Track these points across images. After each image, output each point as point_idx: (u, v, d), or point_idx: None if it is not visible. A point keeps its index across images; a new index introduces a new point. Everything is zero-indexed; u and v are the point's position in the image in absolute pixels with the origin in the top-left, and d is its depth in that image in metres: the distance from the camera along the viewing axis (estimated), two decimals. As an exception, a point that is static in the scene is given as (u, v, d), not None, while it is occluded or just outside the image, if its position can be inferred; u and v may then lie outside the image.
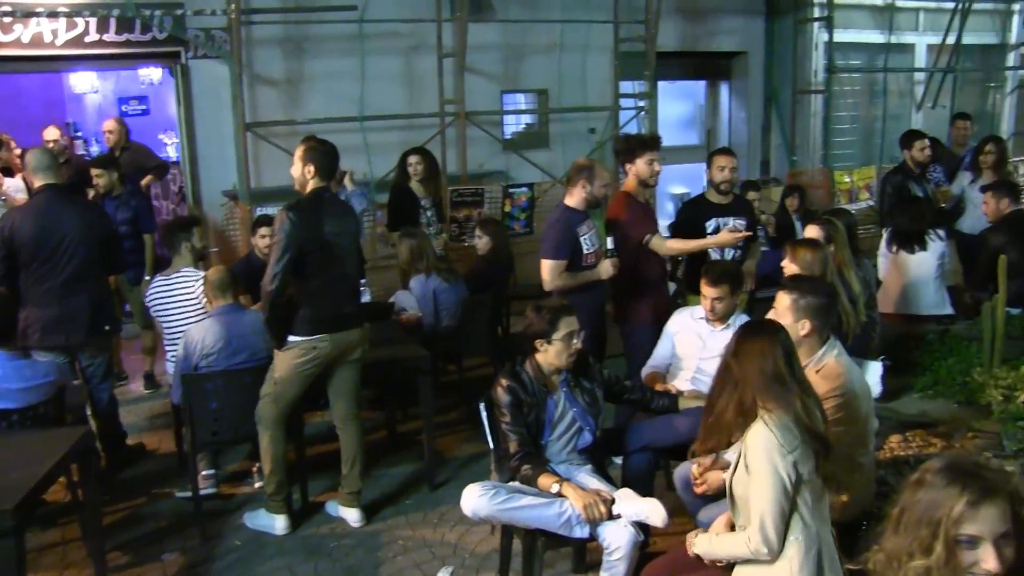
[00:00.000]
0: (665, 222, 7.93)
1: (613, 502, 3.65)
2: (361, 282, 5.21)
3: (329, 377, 4.80)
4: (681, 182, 10.58)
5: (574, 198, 5.15)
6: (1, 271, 5.07)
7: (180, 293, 5.46)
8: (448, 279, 6.35)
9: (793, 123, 11.34)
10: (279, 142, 7.97)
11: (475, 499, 3.67)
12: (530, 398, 3.91)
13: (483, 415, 4.14)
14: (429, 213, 7.41)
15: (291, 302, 4.55)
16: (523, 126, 10.03)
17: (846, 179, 10.72)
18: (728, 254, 5.56)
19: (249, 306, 5.28)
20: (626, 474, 4.25)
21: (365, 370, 4.97)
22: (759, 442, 2.91)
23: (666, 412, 4.28)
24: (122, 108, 11.03)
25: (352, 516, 4.90)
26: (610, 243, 5.12)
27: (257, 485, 5.30)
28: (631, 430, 4.32)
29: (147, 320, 6.49)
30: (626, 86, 9.91)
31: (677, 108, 11.58)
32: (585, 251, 5.09)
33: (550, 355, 3.92)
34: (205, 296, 5.14)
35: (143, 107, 11.23)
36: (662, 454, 4.31)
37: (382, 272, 7.93)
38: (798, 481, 2.87)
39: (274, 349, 4.65)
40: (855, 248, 5.68)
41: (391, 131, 8.61)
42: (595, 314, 5.13)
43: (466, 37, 8.52)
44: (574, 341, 3.91)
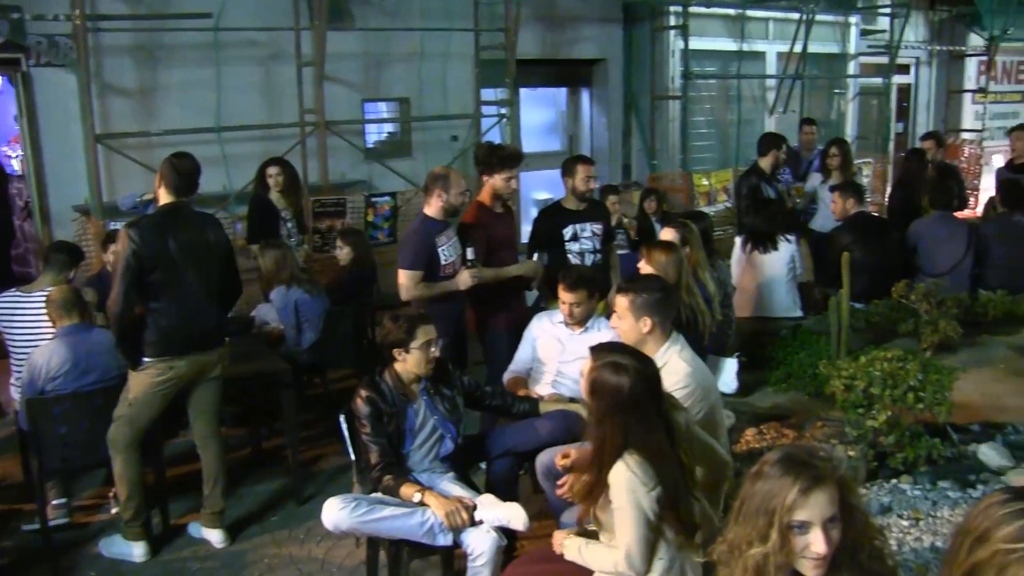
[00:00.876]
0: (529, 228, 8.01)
1: (475, 508, 3.68)
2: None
3: (188, 396, 4.67)
4: (545, 188, 10.70)
5: (432, 207, 5.16)
6: None
7: (32, 312, 5.19)
8: (309, 291, 6.27)
9: (652, 128, 11.63)
10: (133, 154, 7.69)
11: (335, 512, 3.64)
12: (390, 408, 3.90)
13: (343, 427, 4.11)
14: (290, 224, 7.29)
15: (144, 321, 4.42)
16: (385, 135, 9.96)
17: (704, 182, 11.10)
18: (587, 259, 5.68)
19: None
20: (489, 479, 4.28)
21: (227, 386, 4.86)
22: (621, 481, 2.93)
23: (528, 417, 4.33)
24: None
25: (215, 537, 4.78)
26: (470, 253, 5.15)
27: (114, 511, 5.08)
28: (493, 436, 4.35)
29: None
30: (488, 93, 9.98)
31: (539, 115, 11.72)
32: (443, 262, 5.10)
33: (409, 364, 3.92)
34: (49, 317, 4.91)
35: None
36: (524, 458, 4.35)
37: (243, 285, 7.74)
38: (663, 511, 2.93)
39: (129, 370, 4.50)
40: (710, 250, 5.89)
41: (250, 142, 8.42)
42: (454, 322, 5.14)
43: (325, 45, 8.42)
44: (432, 349, 3.92)
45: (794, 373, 5.79)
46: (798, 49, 12.43)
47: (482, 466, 4.80)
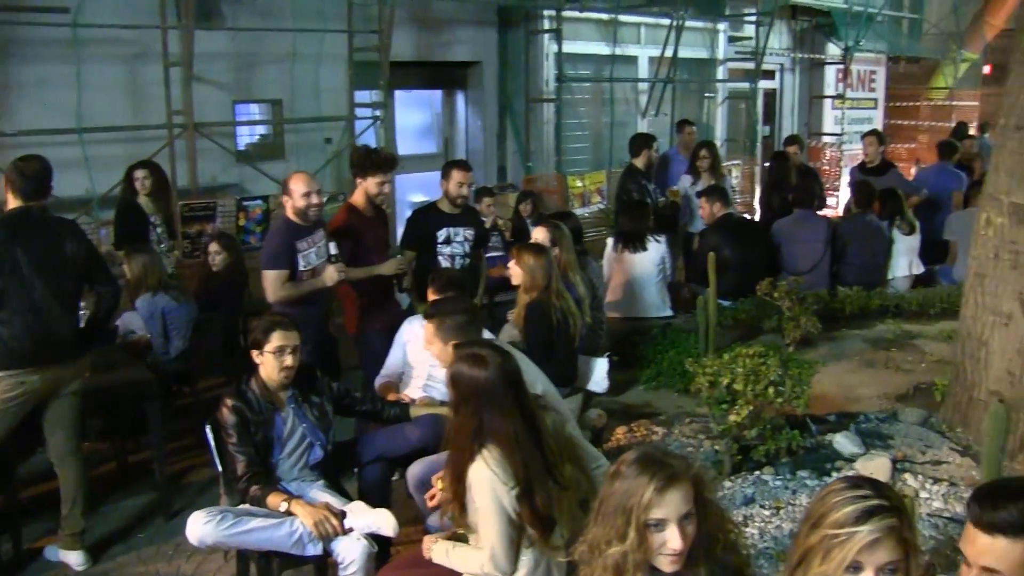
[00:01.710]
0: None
1: (344, 516, 3.65)
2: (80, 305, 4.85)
3: (43, 411, 4.46)
4: (420, 191, 10.68)
5: (287, 211, 5.12)
6: None
7: None
8: (177, 298, 6.09)
9: (527, 131, 11.72)
10: (-16, 156, 7.32)
11: (200, 527, 3.55)
12: (257, 416, 3.83)
13: (209, 437, 4.01)
14: (159, 229, 7.09)
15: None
16: (257, 137, 9.77)
17: (578, 184, 11.27)
18: (457, 262, 5.70)
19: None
20: (361, 486, 4.24)
21: (89, 398, 4.65)
22: (482, 480, 2.98)
23: (399, 421, 4.32)
24: None
25: (75, 559, 4.56)
26: (332, 248, 5.10)
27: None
28: (363, 442, 4.32)
29: None
30: (362, 95, 9.87)
31: (414, 117, 11.67)
32: (302, 267, 5.02)
33: (266, 368, 3.86)
34: None
35: None
36: (396, 464, 4.33)
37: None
38: (521, 506, 2.96)
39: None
40: (581, 250, 5.98)
41: (114, 144, 8.11)
42: (316, 326, 5.08)
43: (193, 45, 8.18)
44: (285, 356, 3.85)
45: (664, 371, 5.94)
46: (669, 54, 12.75)
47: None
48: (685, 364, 5.05)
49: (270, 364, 3.84)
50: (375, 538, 3.65)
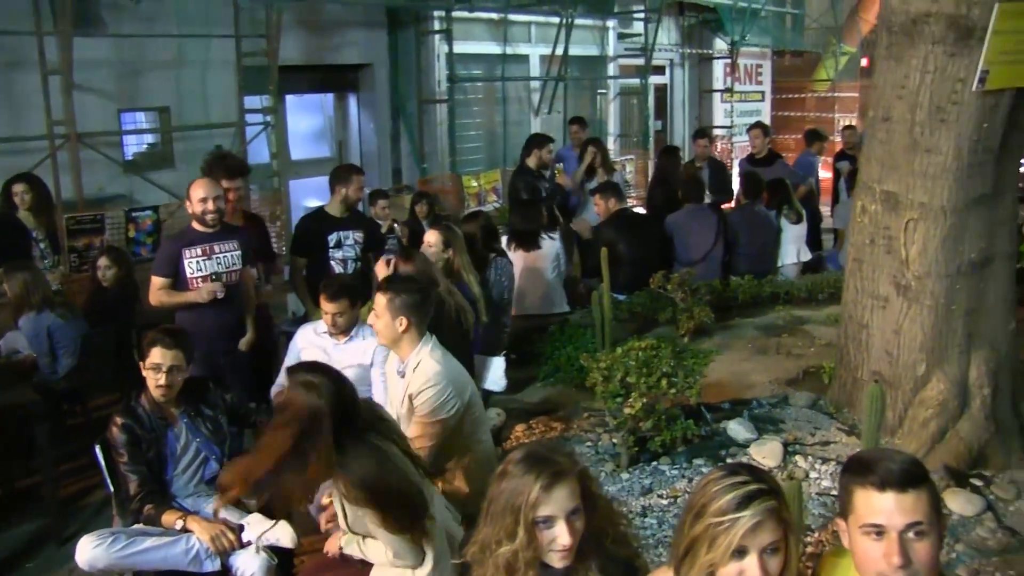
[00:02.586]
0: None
1: (242, 529, 3.60)
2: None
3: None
4: (315, 195, 10.54)
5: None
6: None
7: None
8: (63, 315, 5.89)
9: (420, 132, 11.71)
10: None
11: (90, 550, 3.45)
12: (148, 433, 3.74)
13: (99, 457, 3.90)
14: (43, 245, 6.86)
15: None
16: (145, 146, 9.51)
17: (473, 183, 11.30)
18: (349, 266, 5.68)
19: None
20: (261, 498, 4.19)
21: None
22: None
23: (297, 430, 4.26)
24: None
25: (-42, 592, 4.42)
26: (224, 264, 5.04)
27: None
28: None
29: None
30: (252, 101, 9.70)
31: (306, 121, 11.53)
32: (189, 274, 4.97)
33: (148, 383, 3.78)
34: None
35: None
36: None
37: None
38: None
39: None
40: (499, 249, 6.03)
41: (-10, 156, 7.82)
42: (210, 338, 4.99)
43: (71, 52, 7.92)
44: (159, 374, 3.75)
45: (562, 367, 5.99)
46: (560, 52, 12.86)
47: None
48: (580, 359, 5.11)
49: (149, 380, 3.76)
50: (276, 550, 3.60)
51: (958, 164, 4.42)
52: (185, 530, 3.55)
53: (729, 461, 4.42)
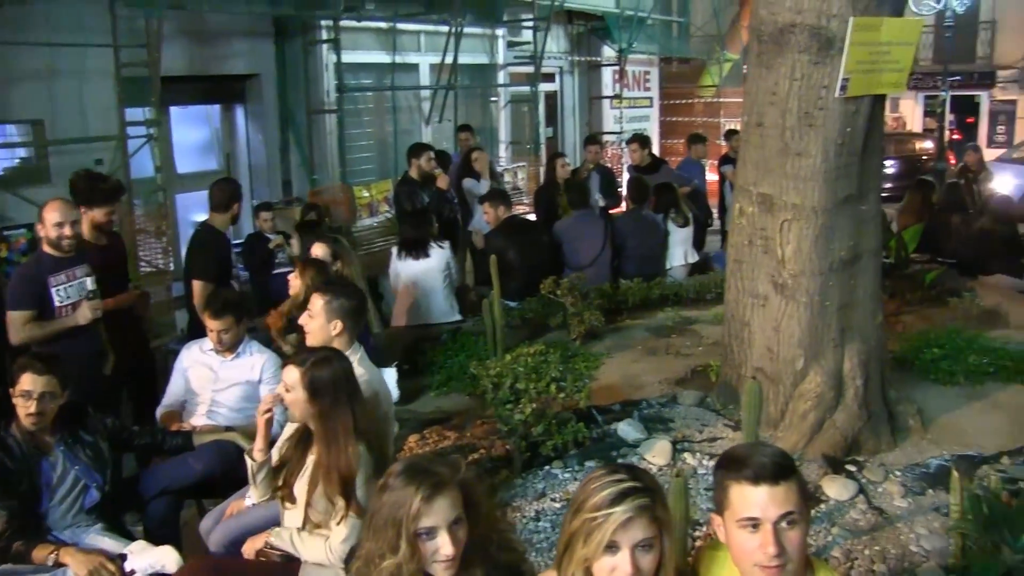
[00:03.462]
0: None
1: (124, 558, 3.50)
2: None
3: None
4: (202, 209, 10.30)
5: (43, 242, 4.83)
6: None
7: None
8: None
9: (310, 143, 11.57)
10: None
11: (-48, 595, 3.31)
12: (20, 465, 3.59)
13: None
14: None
15: None
16: (17, 161, 9.13)
17: (365, 194, 11.21)
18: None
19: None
20: (146, 524, 4.07)
21: None
22: (364, 466, 3.19)
23: (182, 451, 4.18)
24: None
25: None
26: (90, 284, 4.84)
27: None
28: (146, 476, 4.16)
29: None
30: (134, 113, 9.40)
31: (192, 134, 11.26)
32: (57, 303, 4.75)
33: (18, 411, 3.64)
34: None
35: None
36: (184, 495, 4.19)
37: None
38: None
39: None
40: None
41: None
42: (86, 363, 4.82)
43: (-66, 63, 7.58)
44: (29, 402, 3.61)
45: (454, 376, 5.99)
46: (449, 60, 12.87)
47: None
48: (471, 367, 5.13)
49: (19, 407, 3.62)
50: (160, 576, 3.51)
51: (826, 166, 4.61)
52: (59, 564, 3.41)
53: (620, 461, 4.49)
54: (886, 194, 16.96)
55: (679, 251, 8.24)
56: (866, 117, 4.67)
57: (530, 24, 14.88)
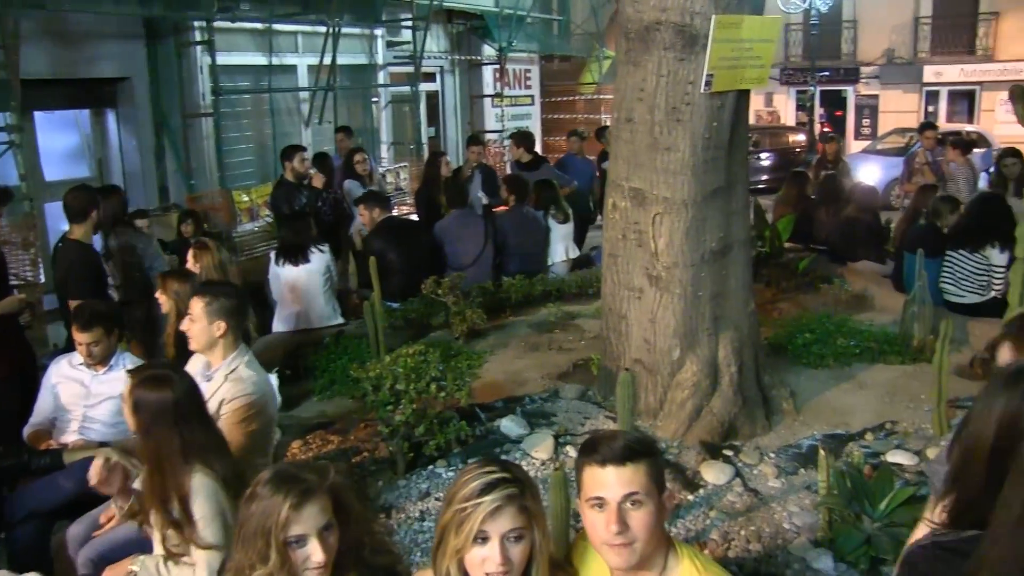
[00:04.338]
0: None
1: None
2: None
3: None
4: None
5: None
6: None
7: None
8: None
9: (186, 147, 11.28)
10: None
11: None
12: None
13: None
14: None
15: None
16: None
17: (245, 198, 11.00)
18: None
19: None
20: (12, 550, 3.90)
21: None
22: (206, 488, 2.98)
23: (51, 471, 4.02)
24: None
25: None
26: None
27: None
28: (8, 500, 3.98)
29: None
30: (-7, 118, 9.03)
31: (61, 140, 10.83)
32: None
33: None
34: None
35: None
36: (54, 517, 4.03)
37: None
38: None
39: None
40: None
41: None
42: None
43: None
44: None
45: (337, 379, 5.93)
46: (328, 61, 12.74)
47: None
48: (350, 370, 5.09)
49: None
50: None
51: (694, 160, 4.73)
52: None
53: (492, 456, 4.52)
54: (763, 186, 17.67)
55: (560, 247, 8.34)
56: (731, 111, 4.82)
57: (409, 24, 14.86)
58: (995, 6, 26.39)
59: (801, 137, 22.37)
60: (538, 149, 16.18)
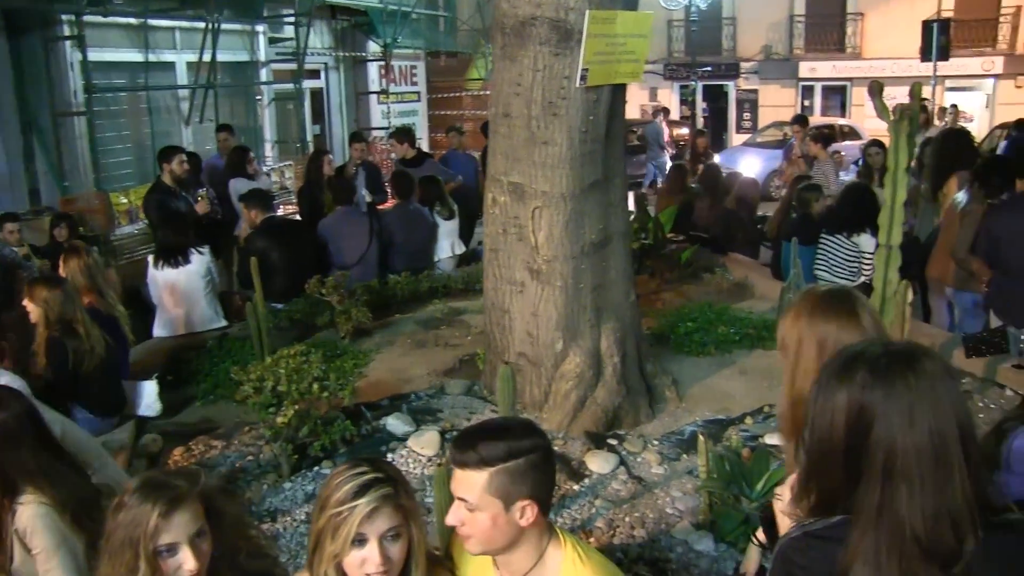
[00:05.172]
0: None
1: None
2: None
3: None
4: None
5: None
6: None
7: None
8: None
9: (58, 148, 10.83)
10: None
11: None
12: None
13: None
14: None
15: None
16: None
17: (123, 200, 10.62)
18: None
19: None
20: None
21: None
22: (36, 519, 2.82)
23: None
24: None
25: None
26: None
27: None
28: None
29: None
30: None
31: (-84, 141, 10.29)
32: None
33: None
34: None
35: None
36: None
37: None
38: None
39: None
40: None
41: None
42: None
43: None
44: None
45: (221, 383, 5.79)
46: (207, 58, 12.43)
47: None
48: (231, 373, 4.97)
49: None
50: None
51: (572, 154, 4.78)
52: None
53: (364, 455, 4.46)
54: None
55: (446, 243, 8.33)
56: (607, 105, 4.89)
57: (292, 20, 14.62)
58: (860, 7, 27.62)
59: (685, 131, 22.91)
60: (426, 146, 16.22)
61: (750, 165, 16.81)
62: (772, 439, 4.73)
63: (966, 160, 7.40)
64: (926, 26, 17.65)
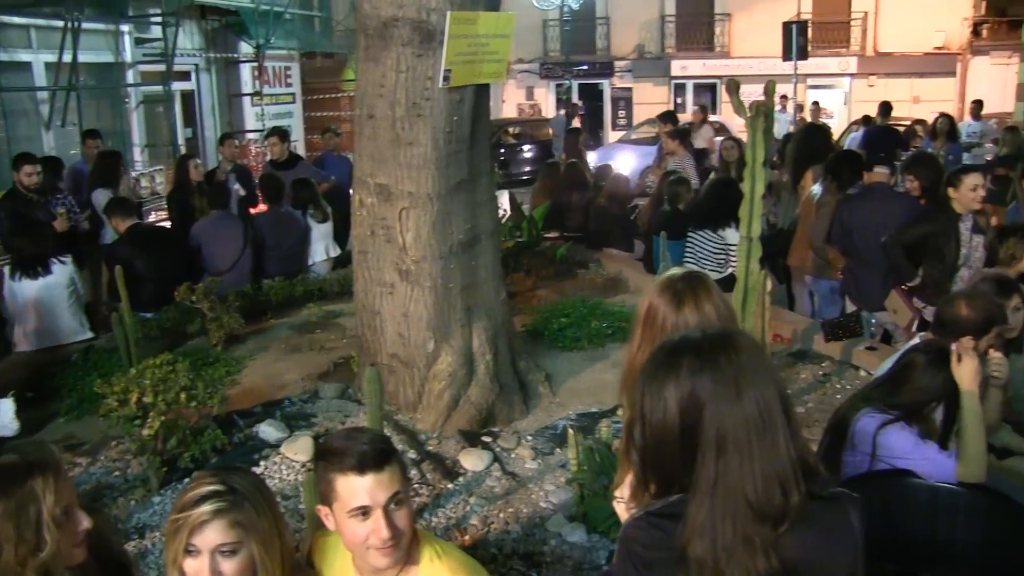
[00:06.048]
0: None
1: None
2: None
3: None
4: None
5: None
6: None
7: None
8: None
9: (-100, 153, 10.28)
10: None
11: None
12: None
13: None
14: None
15: None
16: None
17: (-24, 209, 10.12)
18: None
19: None
20: None
21: None
22: None
23: None
24: None
25: None
26: None
27: None
28: None
29: None
30: None
31: None
32: None
33: None
34: None
35: None
36: None
37: None
38: None
39: None
40: None
41: None
42: None
43: None
44: None
45: (87, 398, 5.59)
46: (68, 59, 11.95)
47: None
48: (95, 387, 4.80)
49: None
50: None
51: (437, 154, 4.81)
52: None
53: (224, 465, 4.39)
54: (526, 176, 18.11)
55: (320, 246, 8.23)
56: (471, 106, 4.94)
57: (159, 20, 14.21)
58: (727, 8, 28.58)
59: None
60: (301, 148, 16.00)
61: (626, 161, 17.10)
62: (641, 429, 4.85)
63: (822, 154, 7.75)
64: (786, 27, 18.35)
